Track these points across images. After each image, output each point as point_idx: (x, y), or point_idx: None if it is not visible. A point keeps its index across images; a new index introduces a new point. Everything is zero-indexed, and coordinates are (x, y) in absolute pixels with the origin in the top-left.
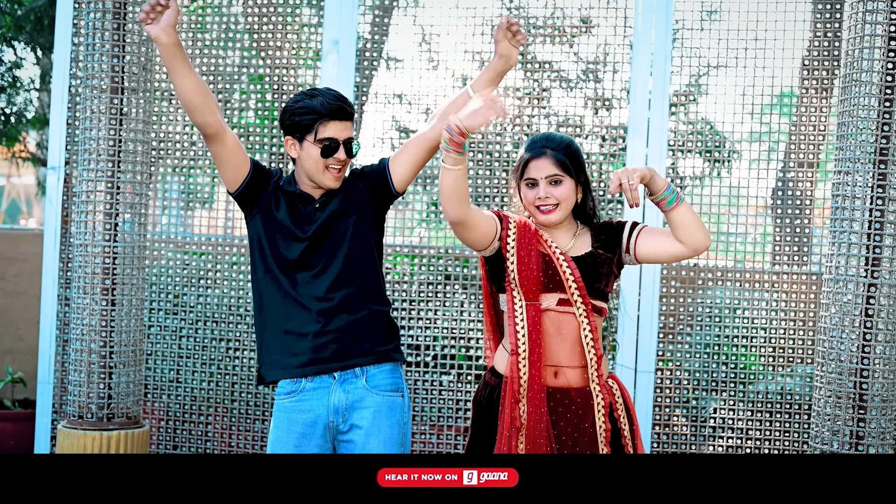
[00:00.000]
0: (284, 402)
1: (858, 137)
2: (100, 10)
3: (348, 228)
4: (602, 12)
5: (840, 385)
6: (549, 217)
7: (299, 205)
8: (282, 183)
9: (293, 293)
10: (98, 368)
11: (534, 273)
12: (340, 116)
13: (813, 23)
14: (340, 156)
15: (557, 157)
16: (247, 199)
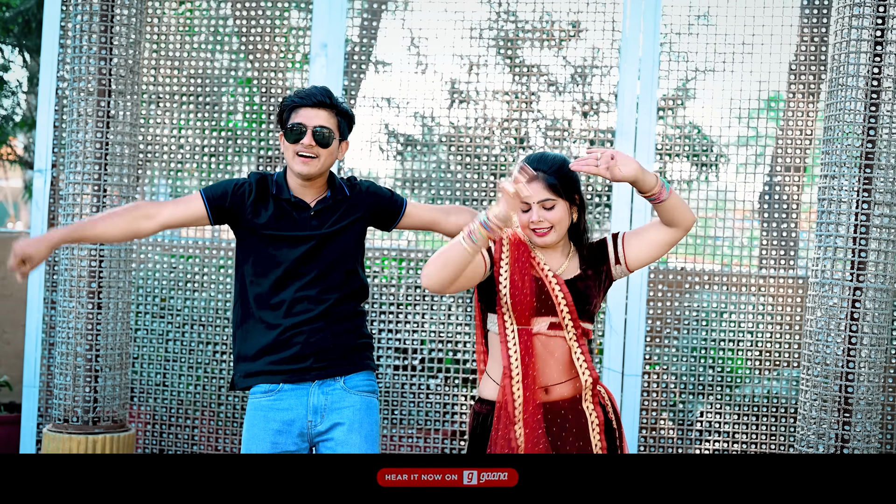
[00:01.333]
0: (261, 400)
1: (844, 142)
2: (87, 13)
3: (342, 240)
4: (591, 17)
5: (826, 388)
6: (545, 240)
7: (292, 212)
8: (272, 188)
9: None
10: (84, 372)
11: (527, 298)
12: (310, 103)
13: (800, 28)
14: (306, 141)
15: (549, 181)
16: (227, 221)
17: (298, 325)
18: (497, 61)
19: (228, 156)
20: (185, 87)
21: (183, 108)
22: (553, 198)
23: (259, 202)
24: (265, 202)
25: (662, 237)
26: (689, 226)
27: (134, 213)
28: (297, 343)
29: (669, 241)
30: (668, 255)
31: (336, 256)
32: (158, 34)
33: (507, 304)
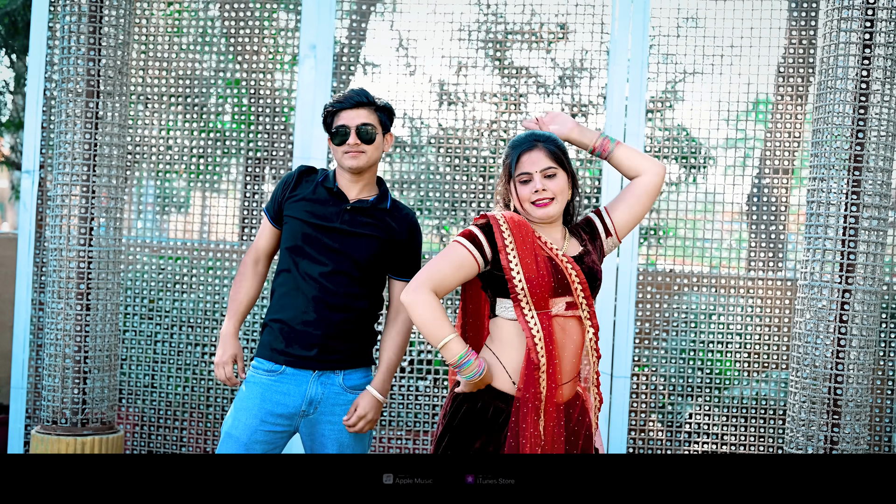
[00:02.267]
0: (262, 378)
1: (833, 144)
2: (75, 14)
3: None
4: (579, 18)
5: (814, 390)
6: (547, 210)
7: (331, 199)
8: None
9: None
10: (72, 373)
11: (545, 280)
12: (349, 105)
13: (788, 30)
14: (352, 140)
15: (550, 148)
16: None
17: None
18: (485, 63)
19: (217, 157)
20: (174, 88)
21: (171, 109)
22: (555, 166)
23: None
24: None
25: (641, 188)
26: (657, 170)
27: (251, 270)
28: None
29: (649, 190)
30: (657, 257)
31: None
32: (147, 35)
33: (524, 289)
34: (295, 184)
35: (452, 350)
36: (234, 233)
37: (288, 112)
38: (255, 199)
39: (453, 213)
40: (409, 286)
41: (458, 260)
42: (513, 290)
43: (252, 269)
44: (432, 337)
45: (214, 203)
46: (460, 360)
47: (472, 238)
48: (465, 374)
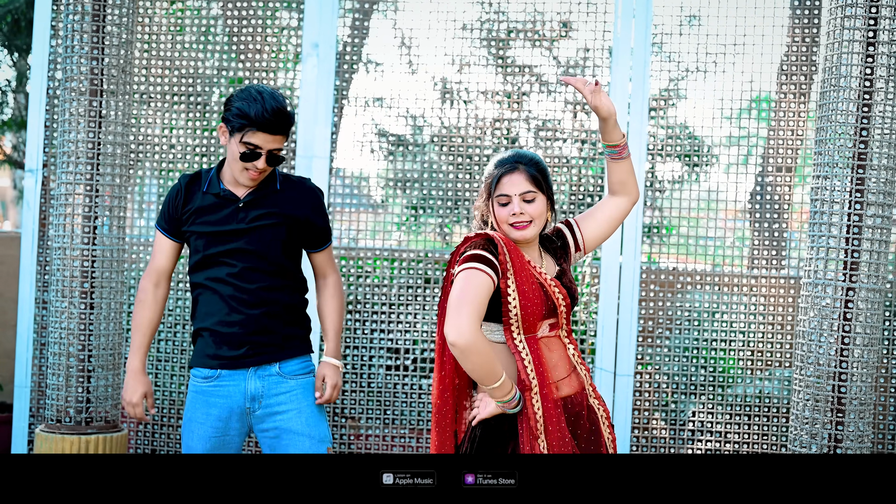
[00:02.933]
0: (201, 385)
1: (837, 142)
2: (79, 13)
3: (271, 233)
4: (581, 16)
5: (818, 388)
6: (524, 233)
7: (220, 204)
8: (203, 184)
9: (215, 288)
10: (76, 372)
11: (538, 308)
12: (270, 130)
13: (790, 28)
14: (260, 164)
15: (530, 171)
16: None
17: (235, 312)
18: (488, 61)
19: (220, 156)
20: (177, 86)
21: (174, 108)
22: (534, 190)
23: (189, 198)
24: (195, 196)
25: (615, 211)
26: (636, 197)
27: (152, 296)
28: (231, 329)
29: (621, 215)
30: (660, 255)
31: (265, 247)
32: (150, 34)
33: (518, 315)
34: (185, 197)
35: (506, 387)
36: None
37: (290, 110)
38: None
39: (455, 212)
40: (460, 328)
41: (486, 288)
42: (506, 315)
43: (153, 294)
44: (488, 378)
45: None
46: (514, 395)
47: (485, 260)
48: (513, 407)
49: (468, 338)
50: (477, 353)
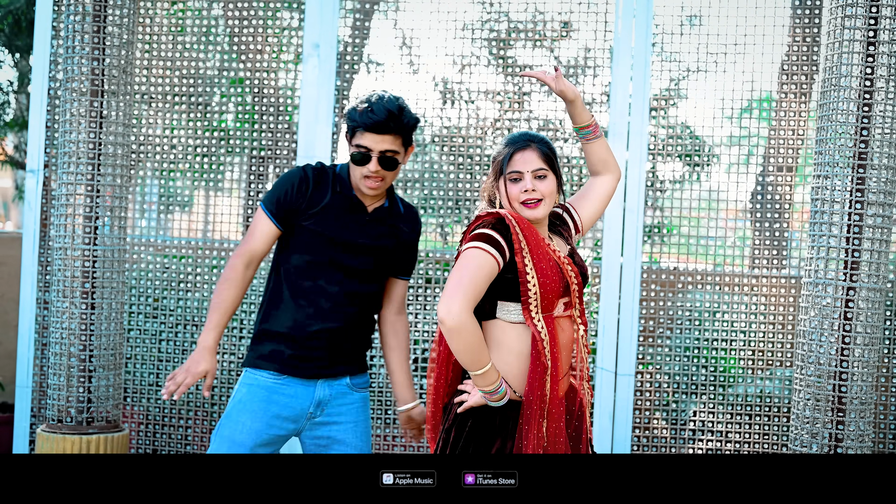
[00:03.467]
0: (267, 381)
1: (837, 141)
2: (80, 13)
3: (386, 255)
4: (582, 16)
5: (819, 388)
6: (535, 212)
7: (349, 210)
8: (333, 182)
9: (311, 295)
10: (77, 372)
11: (556, 285)
12: (378, 130)
13: (791, 28)
14: (371, 167)
15: (542, 149)
16: (291, 222)
17: (329, 321)
18: (489, 61)
19: (220, 156)
20: (178, 87)
21: (175, 109)
22: (545, 168)
23: (317, 191)
24: (324, 191)
25: (604, 189)
26: (619, 173)
27: (241, 275)
28: (314, 342)
29: (609, 192)
30: (661, 254)
31: (371, 268)
32: (150, 34)
33: (537, 293)
34: (313, 191)
35: (490, 377)
36: (238, 231)
37: (291, 111)
38: (259, 198)
39: (456, 212)
40: (451, 307)
41: (487, 269)
42: (525, 294)
43: (242, 274)
44: (472, 363)
45: (218, 202)
46: (497, 387)
47: (491, 241)
48: (496, 400)
49: (457, 318)
50: (465, 335)
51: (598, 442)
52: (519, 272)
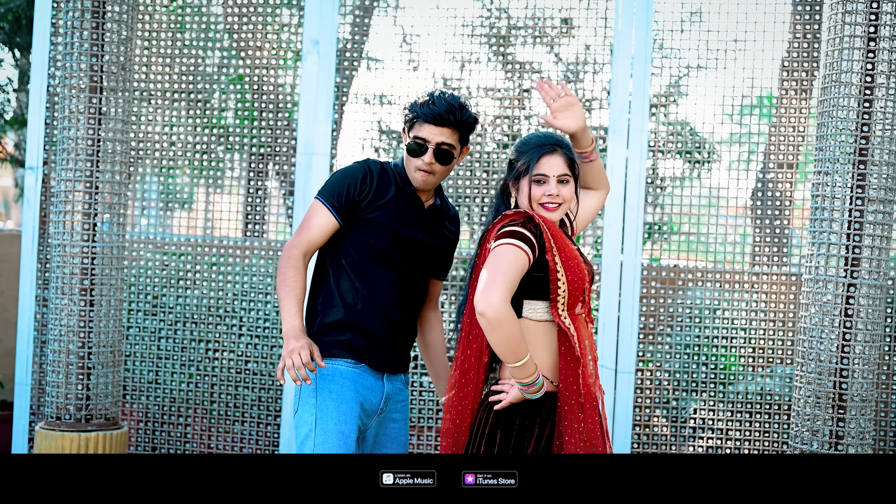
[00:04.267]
0: (347, 367)
1: (838, 138)
2: (78, 10)
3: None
4: (582, 13)
5: (820, 385)
6: (553, 215)
7: (410, 205)
8: (395, 178)
9: (378, 288)
10: (76, 369)
11: (581, 283)
12: (437, 122)
13: (792, 24)
14: (427, 158)
15: (567, 154)
16: (352, 216)
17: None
18: (489, 58)
19: (220, 153)
20: (177, 84)
21: (174, 106)
22: (569, 174)
23: (381, 185)
24: (387, 186)
25: (596, 202)
26: (609, 188)
27: (303, 264)
28: (383, 336)
29: (600, 205)
30: (661, 252)
31: (427, 264)
32: (150, 31)
33: (566, 291)
34: (378, 185)
35: (529, 369)
36: (238, 229)
37: (291, 108)
38: (259, 196)
39: (457, 208)
40: (490, 299)
41: (521, 265)
42: (554, 292)
43: (303, 262)
44: (512, 355)
45: (218, 199)
46: (535, 379)
47: (523, 237)
48: (533, 392)
49: (497, 309)
50: (506, 326)
51: None
52: (550, 270)
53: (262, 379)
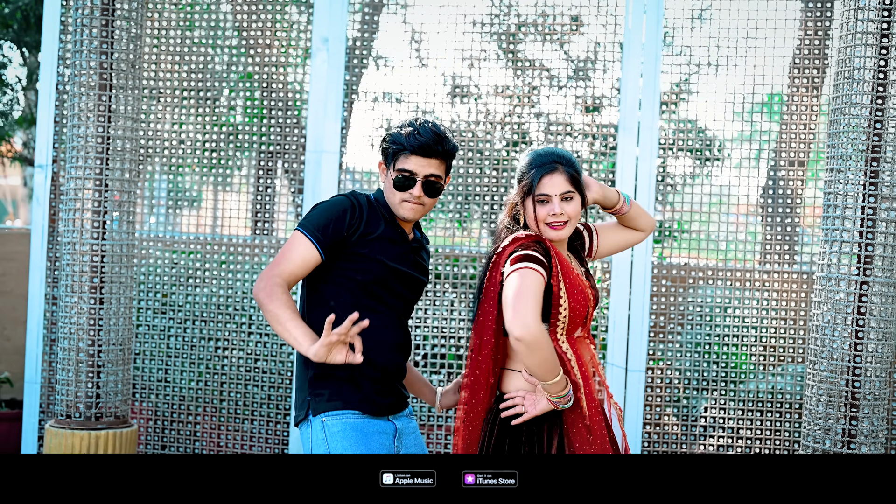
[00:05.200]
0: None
1: (850, 135)
2: (87, 8)
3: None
4: (592, 11)
5: (832, 383)
6: (560, 233)
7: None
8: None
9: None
10: (86, 367)
11: (584, 309)
12: (425, 153)
13: (803, 22)
14: (415, 192)
15: (569, 172)
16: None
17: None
18: (498, 57)
19: (229, 151)
20: (186, 82)
21: (183, 104)
22: (572, 190)
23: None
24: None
25: (631, 239)
26: (652, 229)
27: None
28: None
29: (635, 243)
30: (672, 250)
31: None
32: (159, 29)
33: (566, 317)
34: (367, 219)
35: (562, 384)
36: (247, 227)
37: (300, 106)
38: (268, 194)
39: (466, 208)
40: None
41: (540, 287)
42: (555, 317)
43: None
44: (548, 373)
45: (226, 197)
46: (569, 392)
47: (539, 262)
48: (565, 403)
49: (535, 331)
50: (544, 347)
51: None
52: (553, 295)
53: (271, 377)
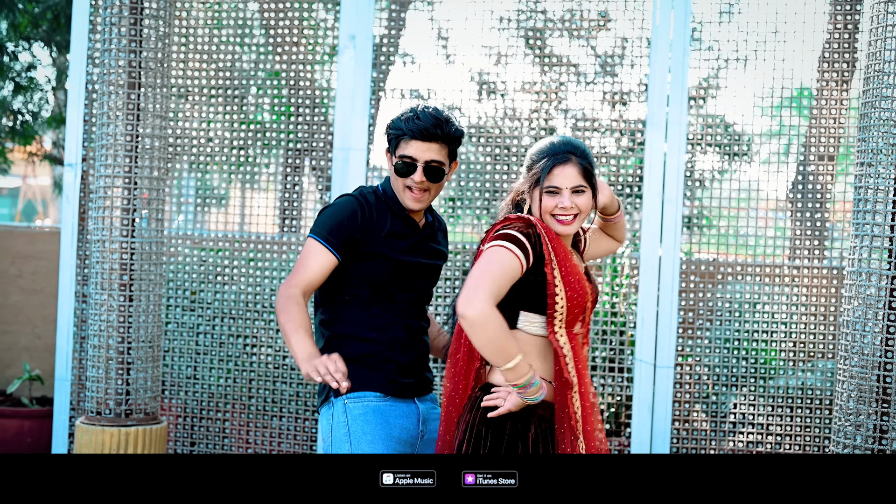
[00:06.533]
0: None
1: (881, 128)
2: (116, 7)
3: (437, 271)
4: (619, 6)
5: (863, 379)
6: (568, 228)
7: (407, 230)
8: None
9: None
10: (116, 364)
11: (583, 301)
12: (424, 137)
13: (832, 15)
14: (416, 177)
15: (582, 164)
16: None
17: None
18: (525, 53)
19: (256, 148)
20: (214, 80)
21: (211, 102)
22: (584, 184)
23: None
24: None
25: (610, 248)
26: (624, 243)
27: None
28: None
29: (611, 252)
30: (699, 246)
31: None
32: (187, 28)
33: (564, 307)
34: (377, 218)
35: (521, 370)
36: (275, 224)
37: (327, 103)
38: (295, 191)
39: (494, 204)
40: (471, 299)
41: (511, 270)
42: (551, 307)
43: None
44: (501, 356)
45: (254, 195)
46: (530, 380)
47: (517, 242)
48: (531, 395)
49: (479, 309)
50: (489, 326)
51: (637, 435)
52: (548, 284)
53: (299, 374)
